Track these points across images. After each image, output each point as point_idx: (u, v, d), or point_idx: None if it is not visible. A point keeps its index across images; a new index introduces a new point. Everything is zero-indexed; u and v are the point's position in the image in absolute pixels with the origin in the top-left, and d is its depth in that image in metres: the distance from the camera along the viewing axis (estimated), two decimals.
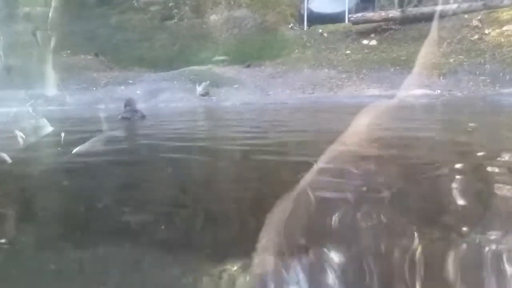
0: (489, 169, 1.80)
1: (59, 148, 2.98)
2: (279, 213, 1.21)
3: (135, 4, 12.38)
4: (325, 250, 1.01)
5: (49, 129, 5.35)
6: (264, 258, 1.00)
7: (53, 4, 12.14)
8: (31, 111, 8.05)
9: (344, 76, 9.41)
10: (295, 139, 3.38)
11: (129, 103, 5.67)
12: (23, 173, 2.19)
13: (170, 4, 12.07)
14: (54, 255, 1.09)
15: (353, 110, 3.90)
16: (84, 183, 1.96)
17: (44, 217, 1.49)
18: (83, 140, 2.87)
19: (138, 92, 9.74)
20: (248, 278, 0.92)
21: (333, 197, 1.47)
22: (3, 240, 1.20)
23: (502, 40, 8.65)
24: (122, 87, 10.35)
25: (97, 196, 1.71)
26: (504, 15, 9.12)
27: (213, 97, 9.46)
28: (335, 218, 1.19)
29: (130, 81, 10.56)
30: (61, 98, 9.75)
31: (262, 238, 1.06)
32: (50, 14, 11.99)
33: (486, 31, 9.06)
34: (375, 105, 5.36)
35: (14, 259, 1.08)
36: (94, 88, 10.25)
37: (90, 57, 11.76)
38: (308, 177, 1.62)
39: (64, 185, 1.94)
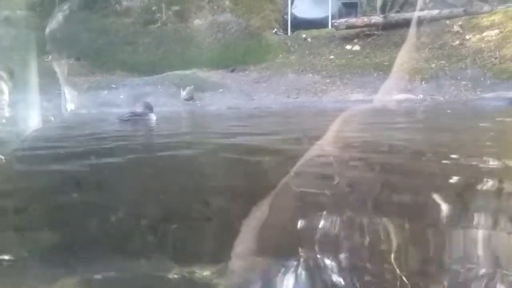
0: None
1: None
2: (255, 220, 1.17)
3: (118, 8, 12.27)
4: (300, 257, 0.98)
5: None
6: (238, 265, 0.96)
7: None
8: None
9: (328, 81, 9.46)
10: None
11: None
12: None
13: (153, 8, 11.99)
14: None
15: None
16: None
17: None
18: None
19: (121, 96, 9.64)
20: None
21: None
22: None
23: (483, 45, 8.80)
24: (105, 92, 10.22)
25: None
26: (484, 21, 9.30)
27: (198, 102, 9.41)
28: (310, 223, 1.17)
29: (113, 86, 10.44)
30: (44, 104, 9.57)
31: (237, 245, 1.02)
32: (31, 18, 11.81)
33: (467, 37, 9.22)
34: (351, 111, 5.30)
35: None
36: (76, 93, 10.08)
37: (72, 61, 11.59)
38: (283, 182, 1.59)
39: None
